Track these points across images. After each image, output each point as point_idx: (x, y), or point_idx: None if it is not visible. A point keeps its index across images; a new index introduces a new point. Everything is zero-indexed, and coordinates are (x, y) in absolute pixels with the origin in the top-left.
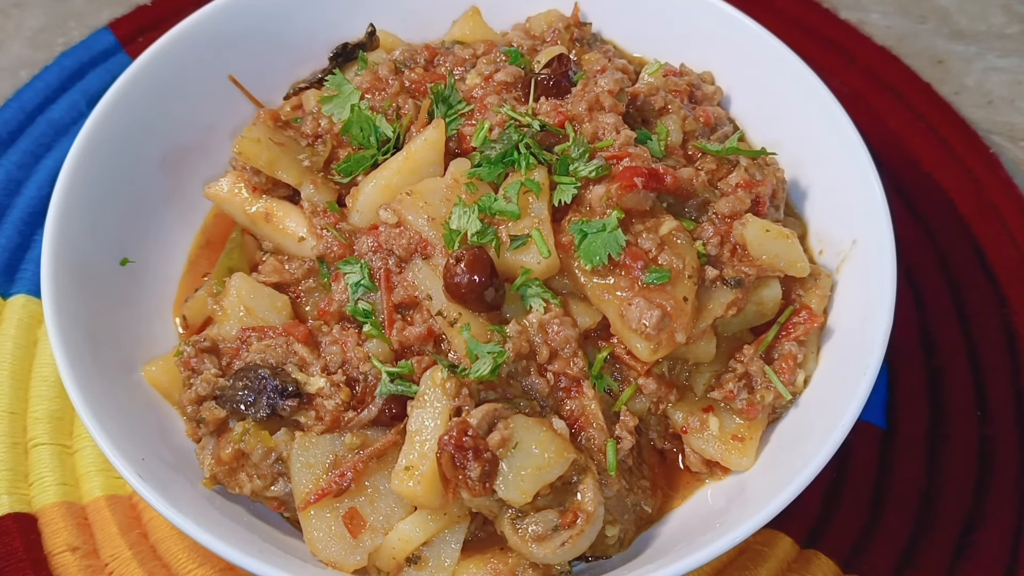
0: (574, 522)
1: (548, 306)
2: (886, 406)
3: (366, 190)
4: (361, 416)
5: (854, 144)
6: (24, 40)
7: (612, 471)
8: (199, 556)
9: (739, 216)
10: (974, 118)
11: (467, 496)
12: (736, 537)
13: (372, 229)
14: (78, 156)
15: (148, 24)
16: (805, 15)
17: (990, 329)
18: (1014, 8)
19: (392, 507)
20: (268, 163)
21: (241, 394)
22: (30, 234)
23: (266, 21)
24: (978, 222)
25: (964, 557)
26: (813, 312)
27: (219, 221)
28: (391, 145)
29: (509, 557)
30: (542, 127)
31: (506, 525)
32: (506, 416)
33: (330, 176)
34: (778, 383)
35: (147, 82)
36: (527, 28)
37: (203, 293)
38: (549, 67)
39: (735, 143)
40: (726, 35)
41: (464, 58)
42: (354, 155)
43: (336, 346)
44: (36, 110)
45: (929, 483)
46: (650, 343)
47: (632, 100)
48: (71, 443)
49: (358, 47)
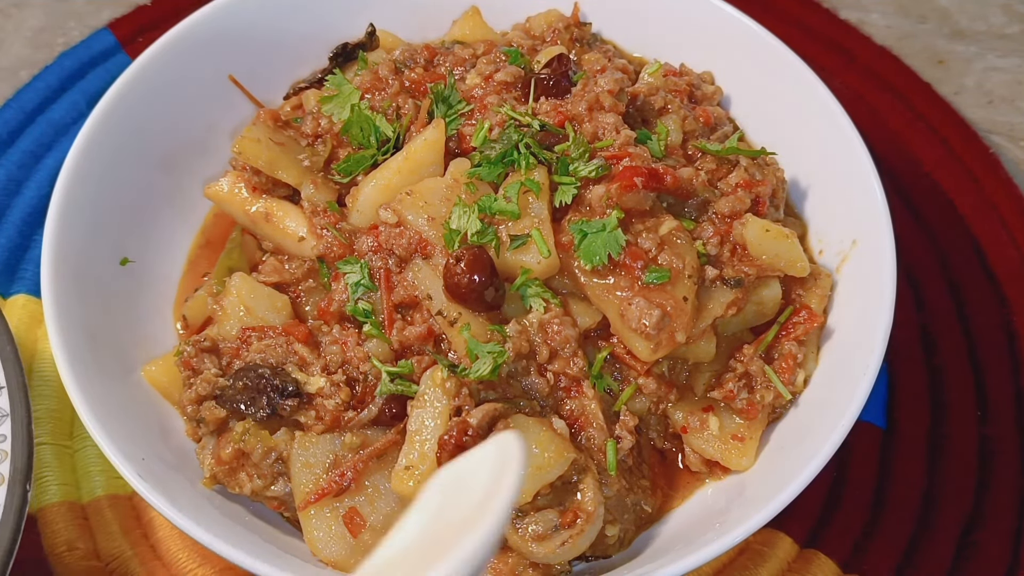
0: (574, 522)
1: (548, 306)
2: (886, 406)
3: (366, 190)
4: (361, 416)
5: (854, 144)
6: (24, 40)
7: (612, 471)
8: (199, 556)
9: (739, 216)
10: (974, 118)
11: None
12: (736, 537)
13: (372, 229)
14: (78, 156)
15: (148, 24)
16: (805, 15)
17: (990, 329)
18: (1014, 8)
19: (392, 507)
20: (268, 163)
21: (241, 394)
22: (30, 234)
23: (266, 21)
24: (978, 222)
25: (964, 557)
26: (813, 312)
27: (219, 221)
28: (391, 145)
29: (509, 557)
30: (542, 127)
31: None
32: (506, 416)
33: (330, 176)
34: (778, 383)
35: (147, 82)
36: (527, 28)
37: (203, 293)
38: (549, 67)
39: (735, 143)
40: (726, 35)
41: (464, 58)
42: (354, 155)
43: (336, 346)
44: (36, 110)
45: (929, 483)
46: (650, 343)
47: (632, 100)
48: (71, 443)
49: (358, 47)
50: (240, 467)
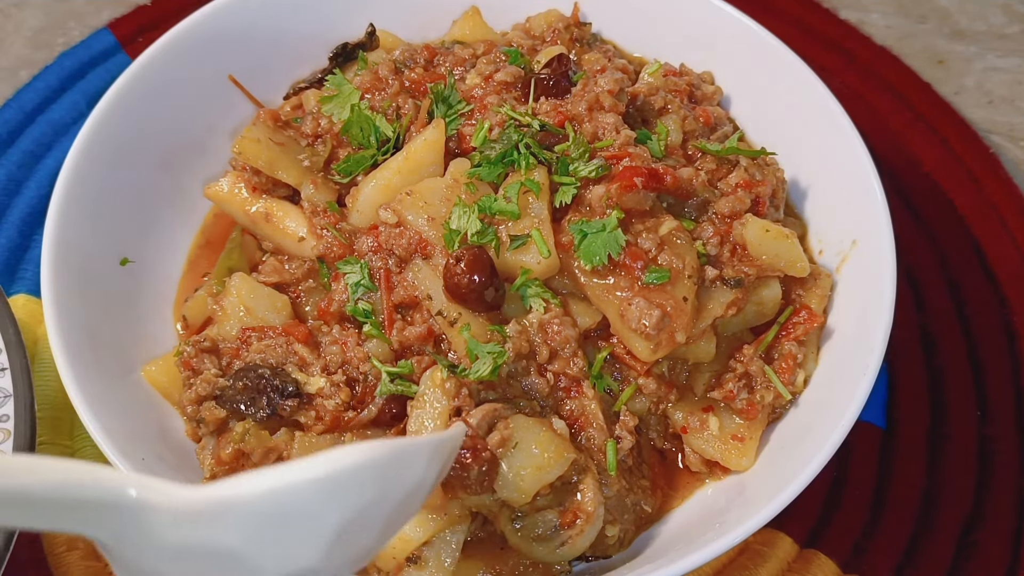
0: (574, 522)
1: (548, 306)
2: (886, 406)
3: (366, 190)
4: (361, 416)
5: (854, 144)
6: (24, 40)
7: (612, 471)
8: None
9: (739, 216)
10: (974, 118)
11: (465, 496)
12: (736, 537)
13: (372, 229)
14: (78, 156)
15: (148, 24)
16: (805, 15)
17: (990, 329)
18: (1014, 8)
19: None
20: (268, 163)
21: (241, 394)
22: (30, 234)
23: (266, 21)
24: (978, 222)
25: (964, 557)
26: (813, 312)
27: (219, 221)
28: (391, 145)
29: (509, 557)
30: (542, 127)
31: (506, 525)
32: (506, 416)
33: (330, 176)
34: (778, 383)
35: (147, 82)
36: (527, 28)
37: (203, 293)
38: (549, 67)
39: (735, 143)
40: (726, 35)
41: (464, 58)
42: (354, 155)
43: (336, 346)
44: (36, 110)
45: (929, 483)
46: (650, 343)
47: (632, 100)
48: (71, 443)
49: (358, 47)
50: (240, 467)
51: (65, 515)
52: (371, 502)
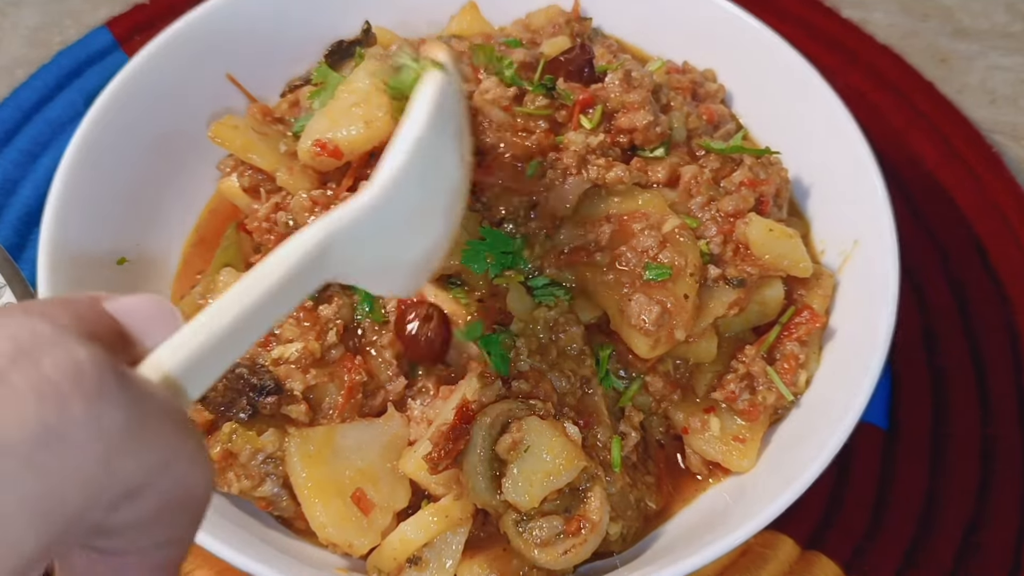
0: (578, 531)
1: (558, 302)
2: (888, 407)
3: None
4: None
5: (856, 143)
6: (21, 39)
7: (616, 467)
8: (198, 558)
9: (742, 215)
10: (977, 117)
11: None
12: (737, 538)
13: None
14: (75, 155)
15: (145, 22)
16: (807, 14)
17: (993, 328)
18: (1017, 7)
19: (395, 488)
20: (242, 147)
21: (222, 396)
22: (27, 233)
23: (263, 19)
24: (980, 221)
25: (967, 558)
26: (815, 312)
27: (213, 219)
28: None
29: (512, 559)
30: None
31: (510, 526)
32: (520, 417)
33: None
34: (780, 384)
35: (144, 80)
36: (526, 23)
37: (199, 290)
38: (570, 52)
39: (739, 141)
40: (728, 33)
41: (461, 51)
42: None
43: None
44: (33, 109)
45: (932, 484)
46: (649, 339)
47: None
48: None
49: (354, 44)
50: (229, 467)
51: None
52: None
